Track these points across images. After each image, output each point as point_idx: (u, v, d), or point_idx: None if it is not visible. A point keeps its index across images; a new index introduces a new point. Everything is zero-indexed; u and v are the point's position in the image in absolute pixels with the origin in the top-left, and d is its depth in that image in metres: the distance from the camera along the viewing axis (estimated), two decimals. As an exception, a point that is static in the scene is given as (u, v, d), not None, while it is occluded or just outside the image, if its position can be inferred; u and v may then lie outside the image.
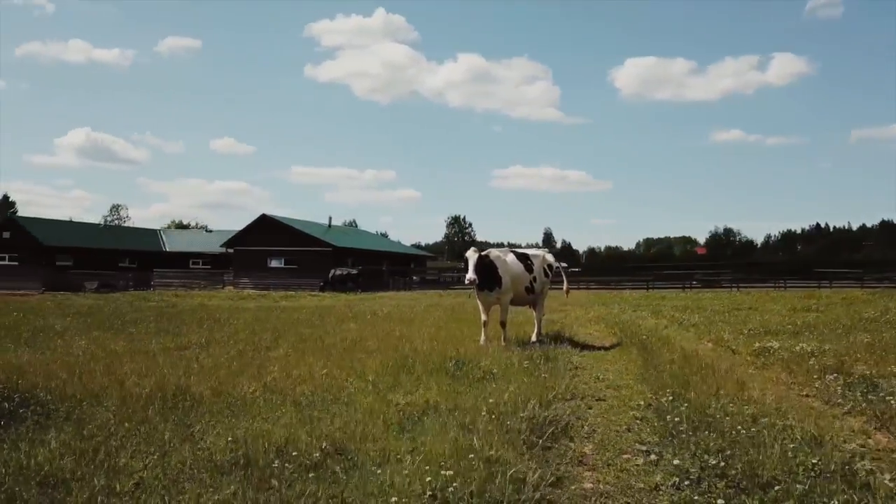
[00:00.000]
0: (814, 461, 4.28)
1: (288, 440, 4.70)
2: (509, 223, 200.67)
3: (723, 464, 4.26)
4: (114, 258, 55.60)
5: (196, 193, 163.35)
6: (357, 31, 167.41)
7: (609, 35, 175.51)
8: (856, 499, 3.72)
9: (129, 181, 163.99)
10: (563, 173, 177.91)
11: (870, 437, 5.63)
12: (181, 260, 59.51)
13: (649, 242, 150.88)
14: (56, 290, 45.74)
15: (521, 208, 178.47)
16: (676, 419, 5.48)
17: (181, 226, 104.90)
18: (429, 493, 3.59)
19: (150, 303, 30.84)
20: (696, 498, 3.87)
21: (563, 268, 16.46)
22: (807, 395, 7.78)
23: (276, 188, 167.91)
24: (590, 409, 7.00)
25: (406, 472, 3.90)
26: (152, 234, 65.86)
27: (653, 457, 4.77)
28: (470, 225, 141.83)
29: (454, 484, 3.68)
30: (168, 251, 61.28)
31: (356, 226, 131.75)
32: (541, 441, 5.07)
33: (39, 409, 5.93)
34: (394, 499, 3.48)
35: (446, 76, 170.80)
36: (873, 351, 10.75)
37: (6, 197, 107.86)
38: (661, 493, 4.14)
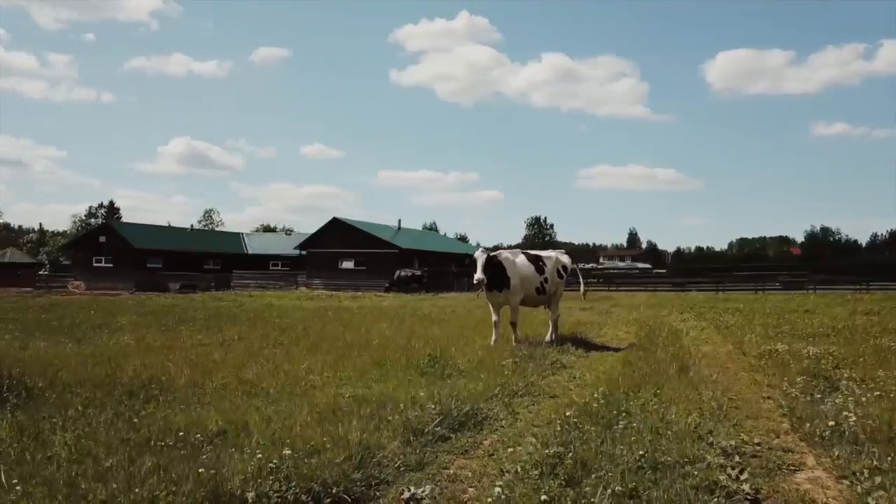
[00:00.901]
0: (640, 453, 4.45)
1: (189, 425, 5.24)
2: (592, 224, 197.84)
3: (570, 454, 4.50)
4: (199, 260, 58.81)
5: (287, 197, 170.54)
6: (440, 34, 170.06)
7: (699, 28, 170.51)
8: (646, 486, 3.90)
9: (224, 186, 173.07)
10: (652, 172, 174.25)
11: (778, 437, 5.66)
12: (262, 262, 62.23)
13: (743, 243, 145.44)
14: (146, 290, 48.87)
15: (606, 208, 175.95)
16: (568, 413, 5.69)
17: (268, 229, 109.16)
18: (251, 469, 4.02)
19: (221, 303, 32.49)
20: (516, 482, 4.14)
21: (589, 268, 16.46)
22: (768, 397, 7.71)
23: (363, 191, 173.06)
24: (532, 405, 7.23)
25: (259, 453, 4.34)
26: (235, 238, 69.22)
27: (530, 448, 5.03)
28: (551, 226, 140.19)
29: (272, 461, 4.10)
30: (250, 253, 64.25)
31: (436, 228, 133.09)
32: (426, 430, 5.42)
33: (24, 394, 6.75)
34: (212, 471, 3.92)
35: (530, 76, 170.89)
36: (882, 356, 10.40)
37: (111, 203, 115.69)
38: (501, 477, 4.42)
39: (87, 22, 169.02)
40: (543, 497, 3.74)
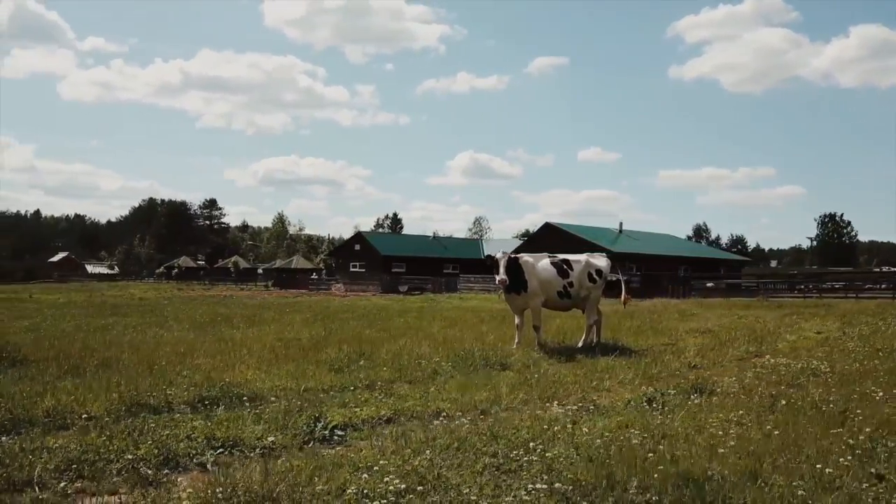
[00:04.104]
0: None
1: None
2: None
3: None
4: (439, 265, 63.95)
5: (564, 203, 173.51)
6: (725, 21, 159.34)
7: None
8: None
9: (505, 194, 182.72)
10: None
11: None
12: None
13: None
14: (388, 291, 54.75)
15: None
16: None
17: (527, 235, 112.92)
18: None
19: (418, 304, 34.88)
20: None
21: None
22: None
23: (641, 194, 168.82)
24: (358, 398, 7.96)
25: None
26: (474, 244, 73.76)
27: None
28: (849, 224, 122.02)
29: None
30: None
31: (705, 230, 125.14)
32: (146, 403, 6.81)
33: (7, 364, 9.37)
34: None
35: (835, 55, 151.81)
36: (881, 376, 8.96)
37: (395, 214, 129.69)
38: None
39: (387, 53, 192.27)
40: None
